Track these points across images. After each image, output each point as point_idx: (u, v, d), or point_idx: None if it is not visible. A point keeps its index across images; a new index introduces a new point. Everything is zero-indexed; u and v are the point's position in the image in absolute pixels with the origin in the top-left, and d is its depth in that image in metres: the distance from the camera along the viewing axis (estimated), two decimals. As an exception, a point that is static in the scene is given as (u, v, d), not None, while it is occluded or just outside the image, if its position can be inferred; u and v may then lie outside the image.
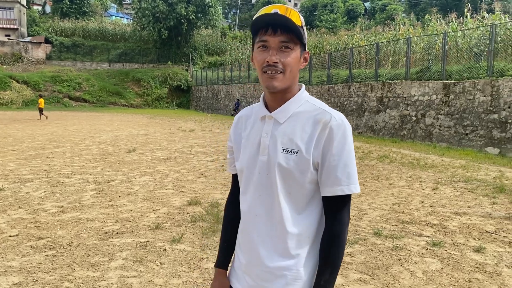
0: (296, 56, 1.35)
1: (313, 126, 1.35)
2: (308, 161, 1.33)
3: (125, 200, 6.25)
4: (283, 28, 1.31)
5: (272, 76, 1.33)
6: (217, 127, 20.56)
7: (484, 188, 7.35)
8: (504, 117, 11.86)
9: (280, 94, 1.39)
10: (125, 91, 41.70)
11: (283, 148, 1.36)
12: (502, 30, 14.12)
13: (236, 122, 1.57)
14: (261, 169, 1.39)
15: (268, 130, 1.40)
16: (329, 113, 1.36)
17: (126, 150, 11.67)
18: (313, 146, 1.33)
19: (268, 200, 1.39)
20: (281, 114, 1.39)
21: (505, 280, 3.66)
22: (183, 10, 40.57)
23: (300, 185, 1.36)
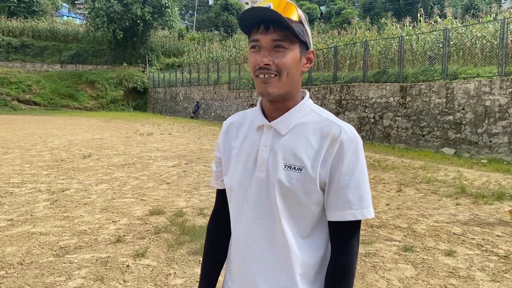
0: (294, 56, 1.15)
1: (321, 139, 1.16)
2: (314, 180, 1.15)
3: (82, 211, 5.86)
4: (276, 24, 1.12)
5: (266, 80, 1.15)
6: (176, 130, 20.10)
7: (446, 189, 7.48)
8: (458, 119, 12.23)
9: (280, 102, 1.20)
10: (78, 94, 40.17)
11: (285, 164, 1.17)
12: (454, 35, 14.61)
13: (226, 129, 1.36)
14: (258, 188, 1.20)
15: (267, 143, 1.20)
16: (338, 125, 1.17)
17: (80, 155, 11.10)
18: (320, 162, 1.15)
19: (268, 224, 1.19)
20: (282, 124, 1.20)
21: (479, 285, 3.64)
22: (138, 11, 39.59)
23: (305, 207, 1.17)
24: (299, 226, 1.18)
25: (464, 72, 12.93)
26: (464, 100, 12.11)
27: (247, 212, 1.22)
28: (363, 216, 1.14)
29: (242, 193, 1.23)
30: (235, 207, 1.27)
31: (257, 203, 1.20)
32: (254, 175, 1.21)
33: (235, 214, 1.27)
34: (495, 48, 13.11)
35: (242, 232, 1.24)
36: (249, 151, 1.23)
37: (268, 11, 1.10)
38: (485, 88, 11.56)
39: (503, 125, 11.03)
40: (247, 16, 1.14)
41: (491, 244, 4.70)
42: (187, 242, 4.53)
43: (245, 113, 1.35)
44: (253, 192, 1.20)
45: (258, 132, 1.23)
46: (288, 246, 1.16)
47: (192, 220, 5.41)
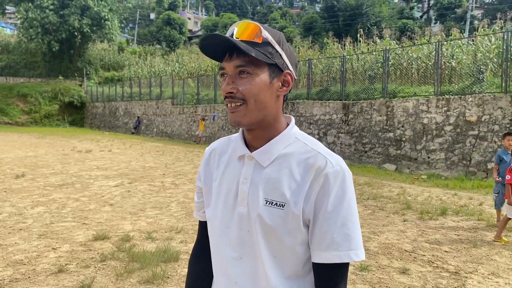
0: (260, 81, 1.06)
1: (304, 172, 1.06)
2: (297, 217, 1.04)
3: (17, 238, 5.35)
4: (237, 50, 1.05)
5: (233, 109, 1.07)
6: (117, 147, 19.34)
7: (392, 205, 7.67)
8: (398, 135, 12.74)
9: (259, 130, 1.11)
10: (9, 108, 37.69)
11: (266, 200, 1.06)
12: (392, 55, 15.33)
13: (208, 157, 1.25)
14: (240, 224, 1.09)
15: (247, 175, 1.10)
16: (323, 156, 1.07)
17: (13, 175, 10.29)
18: (304, 198, 1.04)
19: (250, 264, 1.09)
20: (264, 155, 1.10)
21: (436, 303, 3.68)
22: (76, 23, 38.10)
23: (289, 248, 1.06)
24: (283, 267, 1.07)
25: (402, 91, 13.55)
26: (404, 118, 12.65)
27: (229, 251, 1.11)
28: (349, 259, 1.02)
29: (224, 229, 1.13)
30: (216, 243, 1.16)
31: (239, 241, 1.10)
32: (235, 210, 1.11)
33: (216, 251, 1.16)
34: (430, 69, 13.88)
35: (223, 273, 1.14)
36: (230, 183, 1.14)
37: (224, 38, 1.02)
38: (423, 106, 12.15)
39: (440, 141, 11.62)
40: (209, 44, 1.06)
41: (440, 260, 4.82)
42: (137, 269, 4.24)
43: (228, 139, 1.24)
44: (235, 229, 1.10)
45: (239, 163, 1.14)
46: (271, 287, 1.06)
47: (141, 245, 5.10)
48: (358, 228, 1.06)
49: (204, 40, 1.05)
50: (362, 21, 40.26)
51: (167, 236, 5.49)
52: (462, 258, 4.88)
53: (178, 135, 24.98)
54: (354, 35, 22.37)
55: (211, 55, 1.10)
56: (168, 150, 18.48)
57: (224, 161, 1.19)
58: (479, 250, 5.19)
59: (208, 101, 23.02)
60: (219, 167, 1.19)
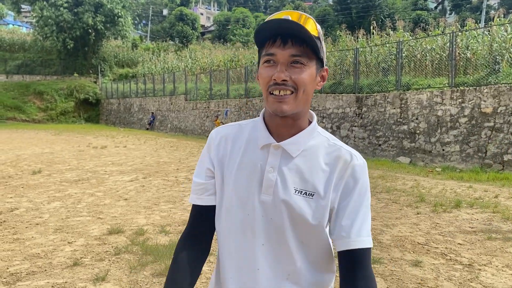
0: (311, 74, 1.09)
1: (332, 164, 1.12)
2: (325, 206, 1.10)
3: (34, 232, 5.46)
4: (295, 38, 1.06)
5: (281, 98, 1.07)
6: (132, 143, 19.54)
7: (405, 198, 7.62)
8: (413, 128, 12.62)
9: (292, 120, 1.13)
10: (26, 105, 38.33)
11: (295, 189, 1.10)
12: (406, 47, 15.14)
13: (219, 141, 1.22)
14: (264, 212, 1.12)
15: (274, 164, 1.12)
16: (348, 151, 1.14)
17: (30, 171, 10.49)
18: (332, 188, 1.10)
19: (275, 250, 1.12)
20: (294, 146, 1.13)
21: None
22: (90, 20, 38.47)
23: (316, 234, 1.12)
24: (309, 252, 1.13)
25: (416, 83, 13.39)
26: (418, 110, 12.51)
27: (250, 238, 1.13)
28: (370, 245, 1.11)
29: (244, 217, 1.14)
30: (233, 232, 1.15)
31: (262, 228, 1.12)
32: (258, 198, 1.12)
33: (232, 239, 1.16)
34: (444, 60, 13.69)
35: (243, 259, 1.14)
36: (251, 171, 1.14)
37: (289, 23, 1.04)
38: (437, 98, 12.00)
39: (455, 134, 11.47)
40: (265, 28, 1.07)
41: (454, 252, 4.78)
42: (151, 262, 4.30)
43: (239, 125, 1.24)
44: (258, 216, 1.12)
45: (262, 151, 1.14)
46: (297, 273, 1.11)
47: (154, 238, 5.17)
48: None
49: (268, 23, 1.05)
50: (376, 13, 39.82)
51: (180, 230, 5.55)
52: (476, 251, 4.84)
53: (192, 130, 25.11)
54: (367, 28, 22.14)
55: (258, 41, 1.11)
56: (182, 145, 18.60)
57: (239, 148, 1.18)
58: (493, 242, 5.13)
59: (221, 96, 23.07)
60: (233, 154, 1.18)
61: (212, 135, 1.24)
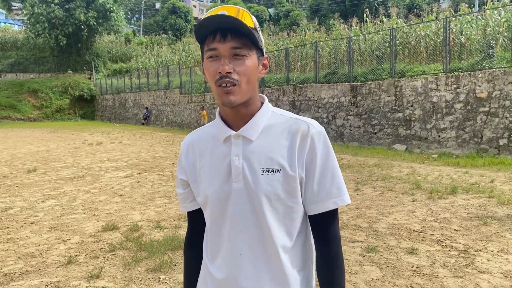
0: (252, 63, 1.15)
1: (291, 138, 1.18)
2: (294, 178, 1.16)
3: (28, 231, 5.43)
4: (233, 32, 1.12)
5: (228, 90, 1.13)
6: (127, 138, 19.47)
7: (401, 185, 7.61)
8: (408, 115, 12.60)
9: (244, 108, 1.19)
10: (20, 104, 38.14)
11: (262, 169, 1.16)
12: (399, 34, 15.07)
13: (186, 150, 1.30)
14: (238, 199, 1.18)
15: (238, 152, 1.18)
16: (304, 121, 1.20)
17: (25, 170, 10.43)
18: (296, 160, 1.16)
19: (253, 234, 1.18)
20: (251, 130, 1.19)
21: (443, 282, 3.65)
22: (82, 16, 38.14)
23: (292, 208, 1.18)
24: (288, 227, 1.18)
25: (410, 70, 13.35)
26: (413, 97, 12.48)
27: (229, 226, 1.19)
28: (343, 203, 1.18)
29: (221, 208, 1.20)
30: (213, 223, 1.23)
31: (238, 214, 1.18)
32: (230, 187, 1.18)
33: (214, 230, 1.23)
34: (438, 46, 13.63)
35: (226, 248, 1.20)
36: (220, 165, 1.21)
37: (226, 18, 1.09)
38: (432, 85, 11.97)
39: (450, 120, 11.45)
40: (204, 25, 1.12)
41: (449, 239, 4.78)
42: (145, 258, 4.28)
43: (202, 130, 1.32)
44: (233, 205, 1.18)
45: (225, 144, 1.21)
46: (278, 251, 1.16)
47: (149, 234, 5.14)
48: (341, 177, 1.21)
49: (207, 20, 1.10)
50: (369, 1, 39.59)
51: (175, 225, 5.53)
52: (471, 236, 4.83)
53: (188, 124, 25.03)
54: (361, 16, 22.02)
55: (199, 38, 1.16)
56: (177, 139, 18.54)
57: (206, 148, 1.25)
58: (489, 227, 5.13)
59: (216, 89, 22.95)
60: (202, 156, 1.25)
61: (181, 146, 1.33)
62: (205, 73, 1.20)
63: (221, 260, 1.22)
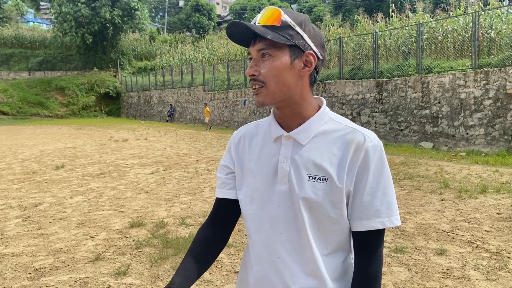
0: (281, 63, 1.11)
1: (344, 148, 1.13)
2: (341, 190, 1.11)
3: (57, 227, 5.54)
4: (257, 35, 1.13)
5: (256, 92, 1.14)
6: (152, 135, 19.71)
7: (429, 184, 7.45)
8: (435, 112, 12.33)
9: (287, 110, 1.17)
10: (48, 101, 39.10)
11: (309, 175, 1.13)
12: (426, 29, 14.74)
13: (238, 141, 1.30)
14: (281, 201, 1.16)
15: (286, 154, 1.16)
16: (361, 132, 1.14)
17: (53, 166, 10.67)
18: (346, 171, 1.11)
19: (293, 238, 1.15)
20: (303, 134, 1.16)
21: (476, 285, 3.55)
22: (107, 14, 38.78)
23: (334, 220, 1.14)
24: (327, 238, 1.15)
25: (438, 66, 13.05)
26: (440, 93, 12.20)
27: (269, 228, 1.18)
28: (392, 224, 1.12)
29: (262, 207, 1.19)
30: (254, 222, 1.21)
31: (279, 217, 1.16)
32: (274, 189, 1.17)
33: (254, 230, 1.22)
34: (466, 41, 13.27)
35: (264, 249, 1.19)
36: (267, 164, 1.19)
37: (244, 25, 1.10)
38: (460, 81, 11.67)
39: (479, 117, 11.15)
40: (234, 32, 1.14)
41: (481, 240, 4.65)
42: (171, 256, 4.31)
43: (256, 123, 1.31)
44: (275, 206, 1.16)
45: (275, 144, 1.19)
46: (316, 259, 1.13)
47: (175, 231, 5.18)
48: (395, 197, 1.14)
49: (229, 28, 1.12)
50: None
51: (200, 222, 5.55)
52: (504, 238, 4.69)
53: (211, 121, 25.16)
54: (386, 11, 21.65)
55: (240, 42, 1.18)
56: (201, 136, 18.66)
57: (257, 144, 1.24)
58: (522, 228, 4.97)
59: (239, 86, 23.01)
60: (251, 150, 1.24)
61: (234, 135, 1.32)
62: None
63: (256, 262, 1.20)
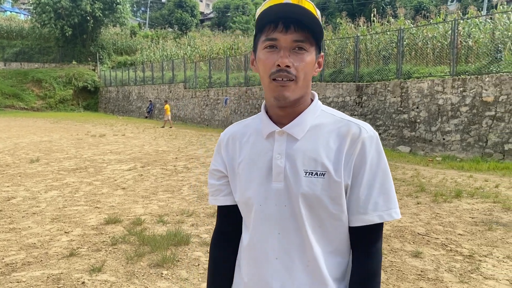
0: (311, 60, 1.08)
1: (339, 140, 1.09)
2: (339, 184, 1.07)
3: (30, 222, 5.41)
4: (297, 23, 1.03)
5: (284, 84, 1.05)
6: (130, 131, 19.46)
7: (405, 187, 7.57)
8: (413, 117, 12.54)
9: (292, 106, 1.11)
10: (24, 93, 38.17)
11: (305, 171, 1.08)
12: (406, 35, 14.97)
13: (226, 142, 1.23)
14: (277, 200, 1.10)
15: (281, 150, 1.11)
16: (356, 124, 1.11)
17: (27, 160, 10.42)
18: (343, 164, 1.07)
19: (291, 238, 1.10)
20: (297, 128, 1.11)
21: (449, 287, 3.61)
22: (88, 7, 38.11)
23: (334, 216, 1.09)
24: (327, 236, 1.10)
25: (417, 72, 13.27)
26: (418, 99, 12.41)
27: (266, 227, 1.12)
28: (390, 217, 1.08)
29: (258, 207, 1.13)
30: (249, 223, 1.16)
31: (276, 216, 1.11)
32: (269, 187, 1.11)
33: (250, 231, 1.16)
34: (445, 49, 13.54)
35: (261, 250, 1.13)
36: (260, 162, 1.14)
37: (292, 7, 1.02)
38: (438, 87, 11.90)
39: (455, 123, 11.39)
40: (267, 13, 1.05)
41: (454, 243, 4.74)
42: (148, 253, 4.25)
43: (243, 123, 1.25)
44: (271, 205, 1.11)
45: (267, 141, 1.14)
46: (316, 258, 1.08)
47: (152, 228, 5.12)
48: (394, 189, 1.10)
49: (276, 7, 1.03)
50: (377, 0, 39.41)
51: (178, 220, 5.50)
52: (476, 241, 4.79)
53: (191, 119, 25.00)
54: (368, 15, 21.89)
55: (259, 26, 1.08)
56: (181, 134, 18.52)
57: (247, 142, 1.18)
58: (494, 233, 5.09)
59: (220, 85, 22.92)
60: (242, 150, 1.18)
61: (221, 136, 1.26)
62: (258, 65, 1.11)
63: (253, 262, 1.15)
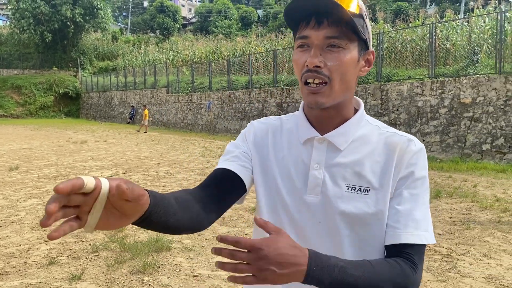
0: (351, 58, 0.94)
1: (387, 154, 0.98)
2: (385, 202, 0.95)
3: (8, 231, 5.32)
4: (330, 17, 0.92)
5: (316, 91, 0.94)
6: (112, 137, 19.28)
7: (386, 189, 7.67)
8: (393, 119, 12.71)
9: (335, 111, 1.00)
10: (3, 100, 37.52)
11: (347, 186, 0.96)
12: (386, 38, 15.21)
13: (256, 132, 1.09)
14: (311, 215, 0.98)
15: (320, 160, 0.99)
16: (404, 136, 1.00)
17: (6, 168, 10.24)
18: (391, 181, 0.96)
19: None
20: (341, 137, 1.00)
21: (427, 286, 3.68)
22: (68, 12, 37.73)
23: (377, 237, 0.96)
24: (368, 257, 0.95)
25: (396, 75, 13.48)
26: (398, 101, 12.60)
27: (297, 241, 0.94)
28: (426, 241, 0.93)
29: (288, 220, 1.00)
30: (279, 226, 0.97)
31: (310, 233, 0.98)
32: (303, 199, 0.99)
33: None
34: (424, 51, 13.80)
35: None
36: (294, 169, 1.01)
37: (323, 0, 0.90)
38: (417, 89, 12.10)
39: (435, 124, 11.59)
40: (295, 7, 0.94)
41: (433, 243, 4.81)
42: (129, 260, 4.22)
43: (280, 119, 1.12)
44: (304, 220, 0.98)
45: (304, 147, 1.02)
46: None
47: (133, 235, 5.09)
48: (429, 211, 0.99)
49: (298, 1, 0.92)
50: (357, 4, 39.98)
51: (160, 226, 5.47)
52: (454, 241, 4.89)
53: (174, 124, 24.90)
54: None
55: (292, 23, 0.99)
56: (163, 139, 18.43)
57: (280, 143, 1.06)
58: (471, 232, 5.19)
59: (203, 89, 22.90)
60: (274, 149, 1.06)
61: (253, 123, 1.12)
62: (294, 65, 1.00)
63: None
